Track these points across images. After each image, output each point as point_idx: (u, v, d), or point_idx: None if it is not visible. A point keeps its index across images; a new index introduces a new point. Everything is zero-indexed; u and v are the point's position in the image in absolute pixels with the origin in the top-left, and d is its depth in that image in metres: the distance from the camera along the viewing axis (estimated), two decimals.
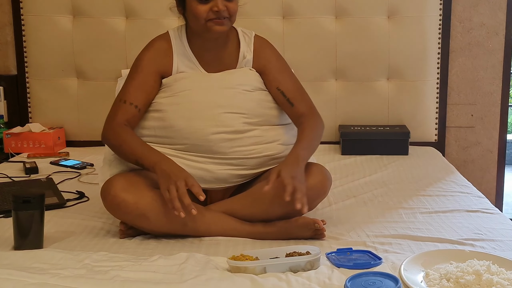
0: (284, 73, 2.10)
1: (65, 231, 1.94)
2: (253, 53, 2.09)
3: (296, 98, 2.05)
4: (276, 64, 2.11)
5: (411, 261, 1.57)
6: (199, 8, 1.93)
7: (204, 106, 1.96)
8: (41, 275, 1.49)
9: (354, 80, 3.16)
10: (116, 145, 1.93)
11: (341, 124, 3.17)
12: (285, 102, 2.05)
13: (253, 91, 2.04)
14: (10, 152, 3.03)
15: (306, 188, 1.79)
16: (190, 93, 1.99)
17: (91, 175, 2.65)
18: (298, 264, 1.57)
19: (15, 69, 3.26)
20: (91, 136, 3.20)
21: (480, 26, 3.15)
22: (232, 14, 1.96)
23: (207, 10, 1.92)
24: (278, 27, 3.10)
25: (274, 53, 2.13)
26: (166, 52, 2.05)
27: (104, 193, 1.84)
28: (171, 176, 1.77)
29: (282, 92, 2.05)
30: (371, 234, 1.91)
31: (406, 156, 2.98)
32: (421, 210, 2.15)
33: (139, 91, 1.99)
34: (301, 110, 2.04)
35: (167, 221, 1.82)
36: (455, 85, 3.21)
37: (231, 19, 1.98)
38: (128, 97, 1.98)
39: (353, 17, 3.11)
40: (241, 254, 1.62)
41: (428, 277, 1.50)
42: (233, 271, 1.56)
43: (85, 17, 3.15)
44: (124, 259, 1.64)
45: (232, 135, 1.94)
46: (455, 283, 1.43)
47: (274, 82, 2.07)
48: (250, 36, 2.11)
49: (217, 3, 1.92)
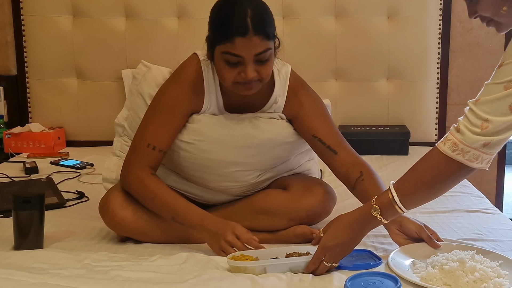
0: (321, 117, 1.86)
1: (65, 231, 1.93)
2: (287, 97, 1.86)
3: (338, 145, 1.83)
4: (312, 109, 1.86)
5: (399, 252, 1.65)
6: (226, 71, 1.68)
7: (218, 164, 1.82)
8: (41, 275, 1.48)
9: (354, 80, 3.16)
10: (146, 198, 1.76)
11: (341, 124, 3.17)
12: (325, 150, 1.82)
13: (275, 147, 1.85)
14: (10, 152, 3.03)
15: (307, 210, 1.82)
16: (206, 147, 1.80)
17: (91, 175, 2.65)
18: (299, 265, 1.57)
19: (15, 69, 3.26)
20: (91, 136, 3.21)
21: (480, 27, 3.15)
22: (265, 78, 1.71)
23: (235, 75, 1.68)
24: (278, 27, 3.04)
25: (310, 95, 1.89)
26: (197, 88, 1.80)
27: (102, 210, 1.82)
28: (219, 234, 1.67)
29: (320, 139, 1.83)
30: (371, 234, 1.89)
31: (406, 156, 2.97)
32: (420, 210, 2.14)
33: (165, 133, 1.77)
34: (348, 158, 1.82)
35: (167, 236, 1.81)
36: (455, 85, 3.21)
37: (263, 81, 1.73)
38: (152, 140, 1.76)
39: (353, 17, 3.11)
40: (241, 254, 1.61)
41: (415, 265, 1.58)
42: (233, 271, 1.56)
43: (85, 17, 3.15)
44: (124, 259, 1.64)
45: (243, 188, 1.89)
46: (440, 269, 1.50)
47: (309, 130, 1.84)
48: (285, 74, 1.87)
49: (245, 70, 1.66)
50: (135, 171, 1.77)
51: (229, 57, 1.66)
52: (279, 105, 1.87)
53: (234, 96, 1.82)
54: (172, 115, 1.78)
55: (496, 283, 1.46)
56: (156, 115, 1.79)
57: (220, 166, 1.82)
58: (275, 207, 1.85)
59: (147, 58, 2.36)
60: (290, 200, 1.84)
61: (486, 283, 1.45)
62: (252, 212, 1.87)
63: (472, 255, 1.56)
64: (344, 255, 1.57)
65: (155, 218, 1.79)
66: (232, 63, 1.67)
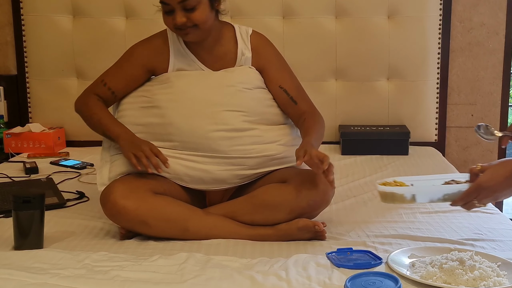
0: (284, 71, 2.10)
1: (65, 231, 1.93)
2: (252, 51, 2.07)
3: (298, 96, 2.06)
4: (277, 63, 2.10)
5: (399, 253, 1.66)
6: (165, 19, 1.96)
7: (204, 104, 1.96)
8: (41, 275, 1.49)
9: (354, 80, 3.16)
10: (87, 116, 2.04)
11: (341, 124, 3.17)
12: (288, 100, 2.05)
13: (253, 89, 2.03)
14: (10, 152, 3.03)
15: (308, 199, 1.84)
16: (189, 91, 1.98)
17: (91, 175, 2.65)
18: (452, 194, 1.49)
19: (15, 69, 3.26)
20: (91, 136, 3.15)
21: (480, 26, 3.15)
22: (199, 23, 1.93)
23: (172, 22, 1.94)
24: (278, 27, 3.10)
25: (274, 51, 2.12)
26: (161, 50, 2.05)
27: (103, 200, 1.84)
28: (135, 142, 1.89)
29: (285, 90, 2.05)
30: (371, 234, 1.91)
31: (406, 156, 2.97)
32: (421, 210, 2.15)
33: (122, 79, 2.05)
34: (304, 108, 2.04)
35: (168, 227, 1.83)
36: (455, 85, 3.21)
37: (200, 27, 1.94)
38: (108, 81, 2.05)
39: (353, 17, 3.10)
40: (394, 181, 1.56)
41: (414, 265, 1.59)
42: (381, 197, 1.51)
43: (85, 17, 3.14)
44: (124, 259, 1.64)
45: (232, 133, 1.94)
46: (440, 268, 1.52)
47: (276, 81, 2.06)
48: (247, 33, 2.10)
49: (174, 17, 1.92)
50: (83, 95, 2.08)
51: (163, 6, 1.95)
52: (246, 57, 2.07)
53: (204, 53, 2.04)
54: (130, 64, 2.05)
55: (496, 281, 1.47)
56: (117, 63, 2.09)
57: (204, 105, 1.95)
58: (276, 200, 1.86)
59: None
60: (291, 192, 1.86)
61: (486, 281, 1.46)
62: (253, 205, 1.89)
63: (471, 255, 1.57)
64: (495, 201, 1.52)
65: (156, 207, 1.82)
66: (166, 12, 1.94)
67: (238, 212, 1.89)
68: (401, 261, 1.62)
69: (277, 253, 1.74)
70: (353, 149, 3.00)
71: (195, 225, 1.83)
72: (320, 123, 2.02)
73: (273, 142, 1.99)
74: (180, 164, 1.91)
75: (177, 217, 1.83)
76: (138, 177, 1.90)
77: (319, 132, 1.98)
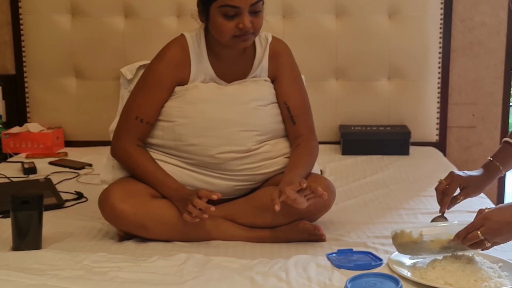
0: (295, 86, 2.02)
1: (63, 232, 1.93)
2: (269, 58, 2.00)
3: (299, 116, 1.99)
4: (289, 75, 2.02)
5: (400, 254, 1.65)
6: (225, 25, 1.83)
7: (217, 124, 1.90)
8: (40, 276, 1.49)
9: (355, 80, 3.15)
10: (130, 168, 1.91)
11: (342, 124, 3.16)
12: (289, 118, 1.98)
13: (267, 105, 1.97)
14: (8, 152, 3.02)
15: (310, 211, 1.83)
16: (203, 107, 1.91)
17: (89, 176, 2.64)
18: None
19: (14, 68, 3.25)
20: (90, 136, 3.20)
21: (482, 25, 3.14)
22: (257, 29, 1.88)
23: (233, 27, 1.83)
24: (278, 26, 3.09)
25: (290, 62, 2.04)
26: (182, 62, 1.94)
27: (102, 203, 1.83)
28: (185, 198, 1.79)
29: (288, 107, 1.98)
30: (372, 235, 1.90)
31: (407, 156, 2.97)
32: (422, 211, 2.14)
33: (153, 105, 1.92)
34: (301, 131, 1.98)
35: (167, 230, 1.82)
36: (456, 84, 3.20)
37: (256, 34, 1.90)
38: (140, 113, 1.91)
39: (354, 16, 3.10)
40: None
41: (415, 267, 1.58)
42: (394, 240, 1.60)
43: (84, 17, 3.14)
44: (123, 260, 1.64)
45: (243, 154, 1.90)
46: (441, 269, 1.52)
47: (282, 95, 2.00)
48: (267, 39, 2.02)
49: (243, 20, 1.82)
50: (123, 142, 1.91)
51: (227, 9, 1.81)
52: (263, 66, 2.00)
53: (222, 62, 1.96)
54: (157, 89, 1.92)
55: (497, 282, 1.47)
56: (143, 89, 1.93)
57: (219, 125, 1.89)
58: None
59: (147, 57, 2.34)
60: None
61: (487, 282, 1.46)
62: (253, 208, 1.87)
63: (472, 256, 1.58)
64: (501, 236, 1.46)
65: (154, 211, 1.81)
66: (229, 16, 1.82)
67: (238, 214, 1.88)
68: (401, 262, 1.62)
69: (277, 254, 1.73)
70: (354, 149, 3.00)
71: (194, 229, 1.82)
72: (310, 154, 1.95)
73: (281, 156, 1.96)
74: (187, 174, 1.90)
75: (175, 221, 1.81)
76: (137, 180, 1.89)
77: (307, 163, 1.91)
